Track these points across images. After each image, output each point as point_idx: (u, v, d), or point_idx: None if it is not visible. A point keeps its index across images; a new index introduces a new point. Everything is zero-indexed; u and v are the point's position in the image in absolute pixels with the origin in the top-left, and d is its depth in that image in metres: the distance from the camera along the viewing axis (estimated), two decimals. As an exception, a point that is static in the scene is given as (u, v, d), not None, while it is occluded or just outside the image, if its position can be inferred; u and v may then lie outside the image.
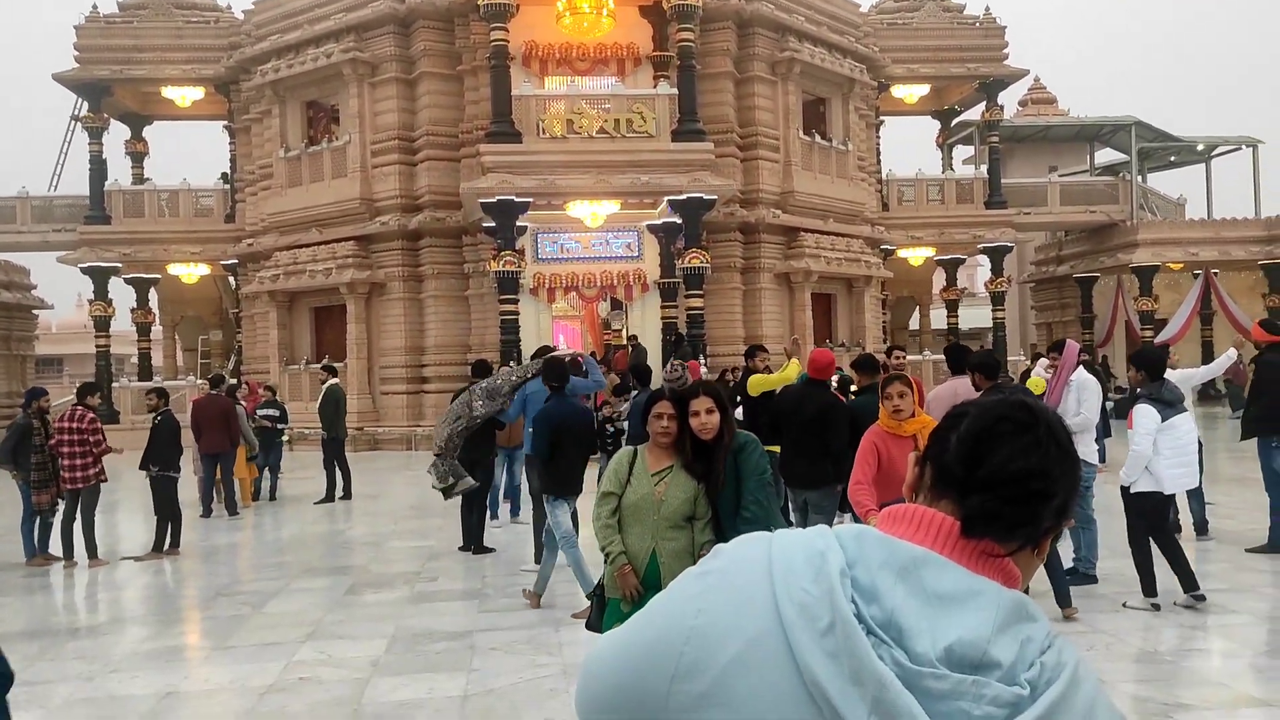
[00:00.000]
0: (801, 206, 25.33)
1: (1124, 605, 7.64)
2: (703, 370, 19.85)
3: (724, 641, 1.02)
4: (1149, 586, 7.57)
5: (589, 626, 4.63)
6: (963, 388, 7.64)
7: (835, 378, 10.15)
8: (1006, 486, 1.07)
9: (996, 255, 30.89)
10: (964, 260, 32.66)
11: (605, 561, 4.52)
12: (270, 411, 16.01)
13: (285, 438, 15.98)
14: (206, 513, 14.24)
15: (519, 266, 21.42)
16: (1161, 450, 7.43)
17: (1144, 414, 7.45)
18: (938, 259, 31.63)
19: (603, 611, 4.46)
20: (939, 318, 34.72)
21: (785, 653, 0.99)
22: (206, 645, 7.60)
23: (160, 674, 6.76)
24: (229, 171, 29.47)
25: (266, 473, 15.88)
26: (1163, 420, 7.43)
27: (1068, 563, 8.69)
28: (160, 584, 10.08)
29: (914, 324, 35.95)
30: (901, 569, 1.04)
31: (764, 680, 1.00)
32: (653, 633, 1.09)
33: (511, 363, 11.94)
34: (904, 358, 10.89)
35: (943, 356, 9.47)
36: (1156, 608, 7.49)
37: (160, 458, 11.69)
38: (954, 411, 1.18)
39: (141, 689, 6.43)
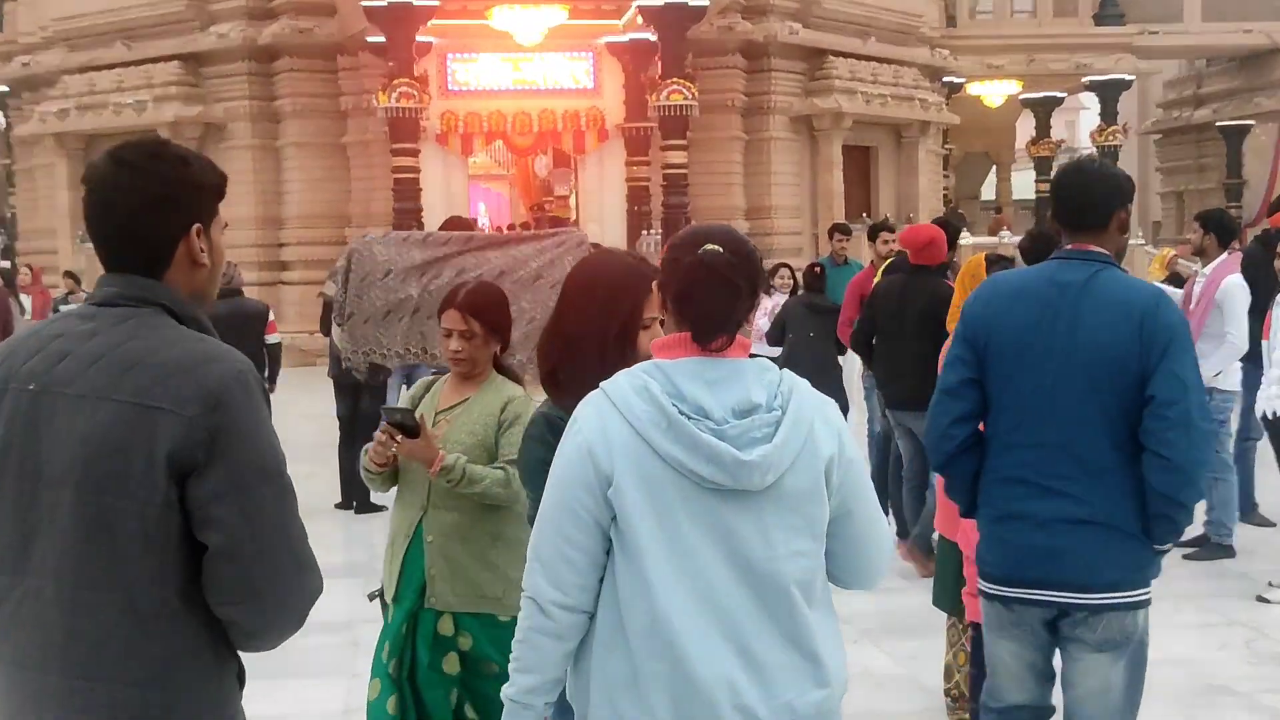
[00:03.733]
0: (830, 19, 25.18)
1: (1258, 598, 7.67)
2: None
3: (610, 452, 2.48)
4: None
5: None
6: None
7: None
8: (706, 318, 2.51)
9: (1108, 93, 30.90)
10: (1062, 100, 32.62)
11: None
12: None
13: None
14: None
15: (420, 102, 21.19)
16: None
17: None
18: (1024, 98, 31.55)
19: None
20: (1024, 183, 34.75)
21: (646, 448, 2.45)
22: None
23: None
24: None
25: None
26: None
27: (1198, 528, 8.83)
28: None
29: (988, 192, 36.02)
30: (690, 374, 2.48)
31: (639, 464, 2.46)
32: (564, 469, 2.56)
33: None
34: (892, 242, 10.94)
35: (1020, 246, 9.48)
36: None
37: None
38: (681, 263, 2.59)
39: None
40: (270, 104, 23.84)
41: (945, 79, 28.99)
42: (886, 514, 9.06)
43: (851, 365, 10.52)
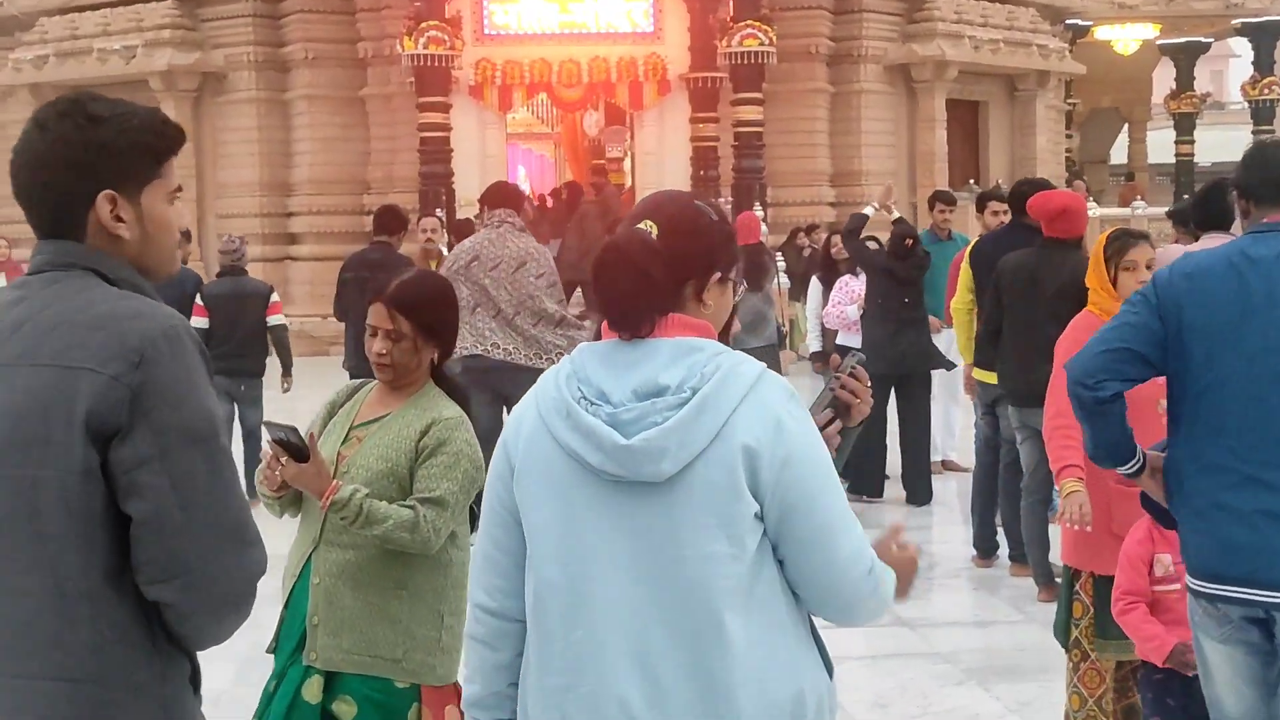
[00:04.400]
0: (933, -49, 25.09)
1: None
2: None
3: (517, 442, 2.69)
4: None
5: None
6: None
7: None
8: (612, 306, 2.63)
9: (1263, 38, 30.66)
10: (1208, 47, 32.36)
11: None
12: None
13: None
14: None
15: (452, 48, 21.31)
16: None
17: None
18: (1162, 44, 31.32)
19: None
20: (1161, 144, 34.50)
21: (549, 437, 2.61)
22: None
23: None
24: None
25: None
26: None
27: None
28: None
29: (1118, 154, 35.77)
30: (600, 358, 2.64)
31: (542, 454, 2.63)
32: (491, 465, 2.80)
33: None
34: (1003, 213, 10.87)
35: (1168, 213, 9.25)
36: None
37: None
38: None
39: None
40: (278, 50, 23.96)
41: (1068, 21, 28.82)
42: (995, 531, 9.01)
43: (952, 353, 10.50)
